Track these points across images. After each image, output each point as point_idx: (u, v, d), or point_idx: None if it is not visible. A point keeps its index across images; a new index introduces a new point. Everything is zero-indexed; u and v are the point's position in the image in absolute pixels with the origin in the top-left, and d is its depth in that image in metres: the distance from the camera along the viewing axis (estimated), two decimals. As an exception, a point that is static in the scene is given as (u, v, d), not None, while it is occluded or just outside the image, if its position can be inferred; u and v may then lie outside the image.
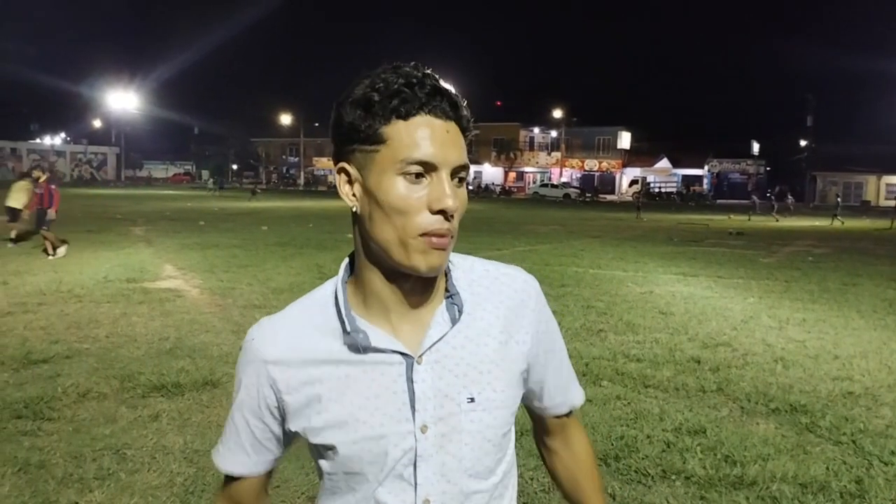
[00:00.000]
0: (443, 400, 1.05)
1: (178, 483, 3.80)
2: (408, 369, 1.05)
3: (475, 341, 1.09)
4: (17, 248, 14.41)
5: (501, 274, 1.17)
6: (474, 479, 1.09)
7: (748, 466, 4.17)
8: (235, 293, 9.75)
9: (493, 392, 1.09)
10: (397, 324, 1.06)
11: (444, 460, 1.06)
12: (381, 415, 1.04)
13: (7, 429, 4.52)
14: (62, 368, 5.88)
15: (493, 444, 1.10)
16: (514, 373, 1.12)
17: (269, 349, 1.08)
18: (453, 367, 1.07)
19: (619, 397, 5.47)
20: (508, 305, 1.13)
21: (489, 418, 1.08)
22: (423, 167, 0.97)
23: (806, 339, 7.76)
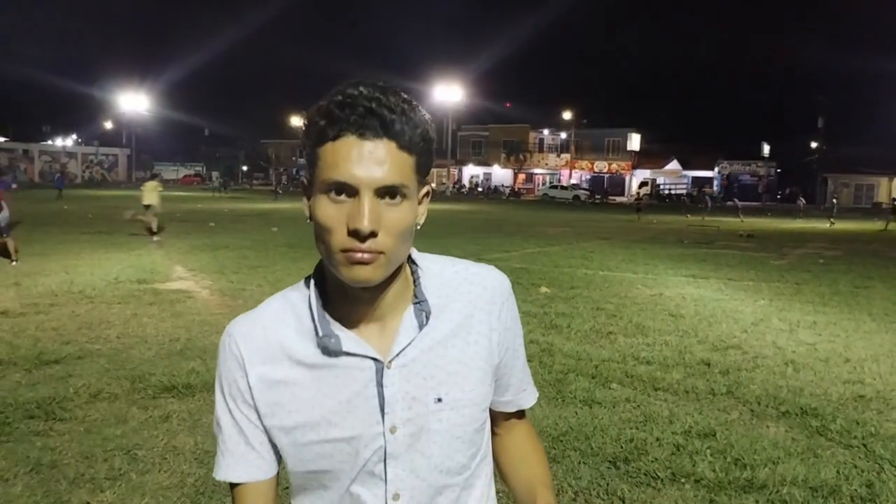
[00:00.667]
0: (411, 402, 1.09)
1: (189, 484, 3.82)
2: (377, 374, 1.08)
3: (443, 343, 1.12)
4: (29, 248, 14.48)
5: (471, 273, 1.18)
6: (445, 474, 1.12)
7: (758, 470, 4.16)
8: (245, 294, 9.79)
9: (461, 392, 1.12)
10: (366, 329, 1.09)
11: (414, 458, 1.10)
12: (353, 418, 1.07)
13: (19, 429, 4.55)
14: (74, 369, 5.91)
15: (462, 441, 1.13)
16: (483, 370, 1.15)
17: (244, 346, 1.10)
18: (421, 369, 1.10)
19: (629, 400, 5.46)
20: (477, 304, 1.16)
21: (457, 417, 1.12)
22: (342, 187, 0.99)
23: (817, 342, 7.72)
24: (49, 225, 20.89)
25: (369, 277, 1.01)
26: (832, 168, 62.80)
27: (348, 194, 0.99)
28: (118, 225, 21.76)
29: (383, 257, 1.01)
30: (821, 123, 66.72)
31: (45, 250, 14.31)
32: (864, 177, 61.47)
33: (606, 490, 3.87)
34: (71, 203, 34.80)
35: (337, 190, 0.99)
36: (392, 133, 0.99)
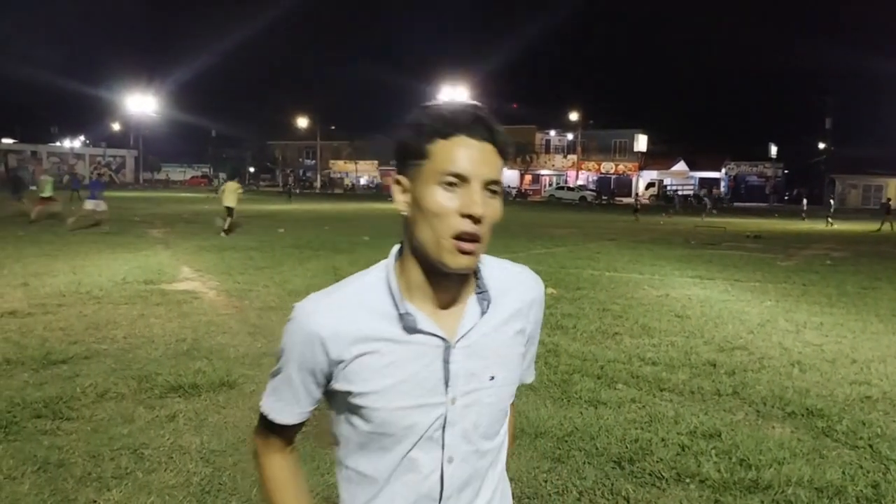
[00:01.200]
0: (470, 378, 1.27)
1: (195, 483, 3.84)
2: (444, 352, 1.25)
3: (498, 330, 1.30)
4: (37, 248, 14.54)
5: (517, 273, 1.39)
6: (486, 440, 1.32)
7: (763, 470, 4.15)
8: (252, 295, 9.81)
9: (508, 372, 1.33)
10: (436, 312, 1.26)
11: (466, 426, 1.28)
12: (421, 388, 1.24)
13: (27, 428, 4.58)
14: (81, 369, 5.94)
15: (501, 412, 1.34)
16: (520, 355, 1.37)
17: (323, 323, 1.24)
18: (480, 350, 1.28)
19: (634, 400, 5.46)
20: (523, 300, 1.36)
21: (502, 393, 1.32)
22: (457, 178, 1.17)
23: (823, 343, 7.71)
24: (57, 227, 20.95)
25: (469, 265, 1.21)
26: (840, 169, 62.57)
27: (457, 186, 1.18)
28: (125, 225, 21.85)
29: (481, 246, 1.21)
30: (828, 124, 66.51)
31: (53, 251, 14.35)
32: (872, 178, 61.20)
33: (611, 490, 3.88)
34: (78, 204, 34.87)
35: (448, 181, 1.18)
36: (493, 138, 1.21)
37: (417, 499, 1.28)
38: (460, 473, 1.29)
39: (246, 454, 4.25)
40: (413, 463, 1.26)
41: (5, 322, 7.64)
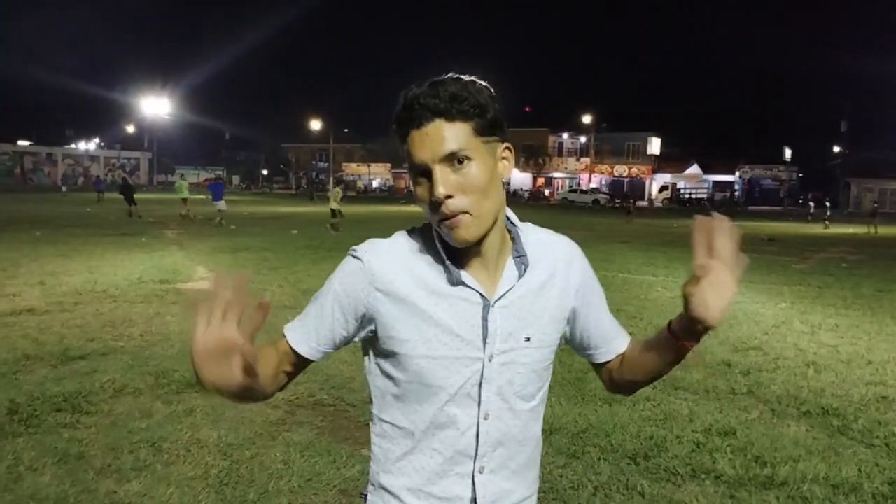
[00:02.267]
0: (507, 337, 1.31)
1: (213, 475, 3.88)
2: (484, 309, 1.29)
3: (534, 292, 1.34)
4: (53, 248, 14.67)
5: (552, 240, 1.43)
6: (521, 400, 1.35)
7: (779, 467, 4.15)
8: (267, 295, 9.83)
9: (544, 334, 1.36)
10: (476, 271, 1.31)
11: (502, 384, 1.31)
12: (460, 341, 1.28)
13: (47, 421, 4.63)
14: (99, 365, 6.00)
15: (537, 375, 1.37)
16: (559, 319, 1.39)
17: (376, 265, 1.30)
18: (517, 311, 1.32)
19: (649, 398, 5.46)
20: (557, 265, 1.39)
21: (538, 354, 1.35)
22: (421, 170, 1.23)
23: (839, 344, 7.67)
24: (73, 226, 21.13)
25: (466, 238, 1.24)
26: (855, 172, 62.18)
27: (425, 175, 1.23)
28: (140, 226, 22.01)
29: (468, 217, 1.22)
30: (844, 127, 66.11)
31: (68, 251, 14.47)
32: (887, 181, 60.79)
33: (626, 485, 3.89)
34: (94, 206, 35.19)
35: (417, 174, 1.25)
36: (439, 112, 1.21)
37: (454, 455, 1.31)
38: (495, 431, 1.32)
39: (262, 448, 4.29)
40: (450, 418, 1.30)
41: (24, 319, 7.72)
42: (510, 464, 1.36)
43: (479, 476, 1.33)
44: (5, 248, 14.46)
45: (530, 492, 1.43)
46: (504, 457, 1.35)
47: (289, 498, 3.66)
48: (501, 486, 1.35)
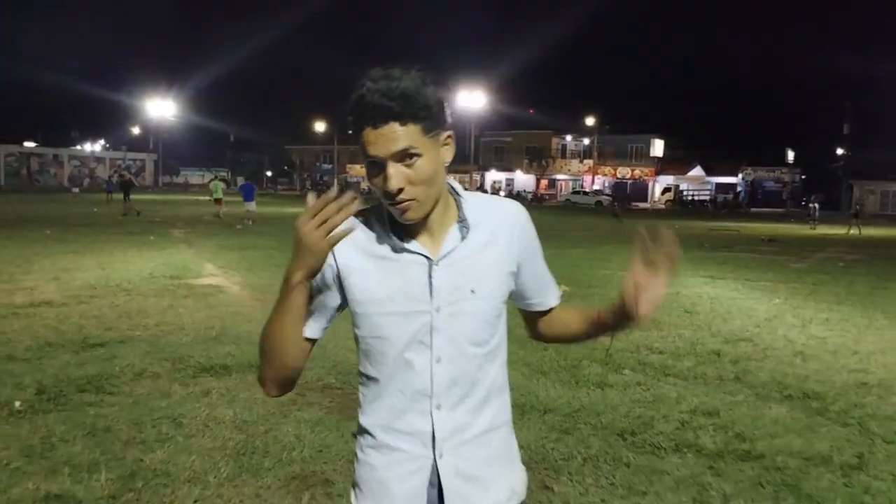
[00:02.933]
0: (453, 290, 1.50)
1: (230, 447, 4.19)
2: (429, 268, 1.50)
3: (478, 251, 1.54)
4: (64, 246, 15.00)
5: (497, 203, 1.62)
6: (472, 345, 1.53)
7: (757, 442, 4.45)
8: (274, 289, 9.96)
9: (489, 287, 1.54)
10: (421, 237, 1.51)
11: (452, 332, 1.51)
12: (409, 298, 1.49)
13: (73, 400, 4.94)
14: (117, 351, 6.31)
15: (486, 323, 1.55)
16: (503, 273, 1.57)
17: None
18: (461, 268, 1.51)
19: (640, 383, 5.76)
20: (502, 227, 1.58)
21: (484, 304, 1.54)
22: (374, 163, 1.42)
23: (827, 337, 7.95)
24: (81, 226, 21.49)
25: (412, 217, 1.45)
26: (858, 175, 62.39)
27: (378, 167, 1.41)
28: (148, 226, 22.35)
29: (415, 202, 1.43)
30: (846, 130, 66.30)
31: (79, 249, 14.82)
32: (890, 183, 61.01)
33: (613, 457, 4.19)
34: (102, 206, 35.54)
35: (371, 164, 1.42)
36: (393, 116, 1.38)
37: (413, 394, 1.51)
38: (447, 372, 1.51)
39: (275, 425, 4.59)
40: (407, 363, 1.50)
41: (43, 311, 8.05)
42: (466, 401, 1.53)
43: (436, 412, 1.51)
44: (18, 246, 14.82)
45: (491, 426, 1.58)
46: (459, 395, 1.52)
47: (301, 466, 3.96)
48: (458, 421, 1.52)
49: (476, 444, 1.55)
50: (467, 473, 1.53)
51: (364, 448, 1.58)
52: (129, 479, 3.71)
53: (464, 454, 1.53)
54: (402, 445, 1.52)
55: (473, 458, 1.54)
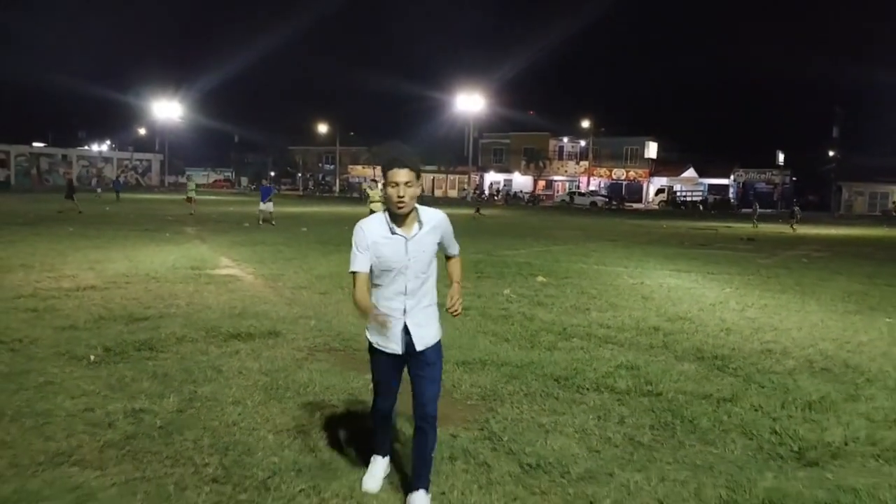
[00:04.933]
0: (415, 252, 3.49)
1: (260, 385, 5.57)
2: (406, 243, 3.47)
3: (426, 233, 3.54)
4: (89, 241, 16.37)
5: (433, 213, 3.61)
6: (421, 273, 3.55)
7: (659, 385, 5.83)
8: (285, 278, 11.58)
9: (430, 248, 3.58)
10: (402, 228, 3.50)
11: (414, 267, 3.51)
12: (397, 254, 3.47)
13: (133, 355, 6.32)
14: (160, 323, 7.70)
15: (427, 264, 3.56)
16: (435, 242, 3.60)
17: (366, 229, 3.49)
18: (419, 242, 3.51)
19: (582, 348, 7.14)
20: (435, 224, 3.59)
21: (426, 256, 3.55)
22: (393, 183, 3.40)
23: (758, 318, 9.32)
24: (99, 224, 22.90)
25: (403, 211, 3.42)
26: (847, 176, 63.85)
27: (395, 185, 3.38)
28: (161, 224, 23.75)
29: (407, 204, 3.41)
30: (836, 133, 67.69)
31: (102, 244, 16.23)
32: (878, 185, 62.44)
33: (546, 393, 5.57)
34: (112, 205, 36.94)
35: (393, 185, 3.40)
36: (405, 165, 3.43)
37: (397, 292, 3.51)
38: (412, 285, 3.51)
39: (293, 372, 5.97)
40: (394, 279, 3.49)
41: (89, 293, 9.45)
42: (418, 296, 3.53)
43: (406, 299, 3.50)
44: (49, 241, 16.25)
45: (429, 304, 3.58)
46: (415, 293, 3.51)
47: (312, 397, 5.34)
48: (414, 302, 3.51)
49: (421, 312, 3.54)
50: (418, 322, 3.52)
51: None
52: (188, 402, 5.10)
53: (416, 315, 3.52)
54: (392, 309, 3.49)
55: (421, 317, 3.54)
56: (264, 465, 4.01)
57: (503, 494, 3.78)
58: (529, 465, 4.11)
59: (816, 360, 6.97)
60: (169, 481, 3.80)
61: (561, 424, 4.87)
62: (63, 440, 4.31)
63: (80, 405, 4.94)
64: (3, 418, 4.63)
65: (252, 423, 4.69)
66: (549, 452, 4.31)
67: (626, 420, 5.05)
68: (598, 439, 4.62)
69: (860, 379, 6.30)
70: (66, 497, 3.58)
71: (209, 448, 4.25)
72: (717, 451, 4.50)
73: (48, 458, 4.04)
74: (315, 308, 8.91)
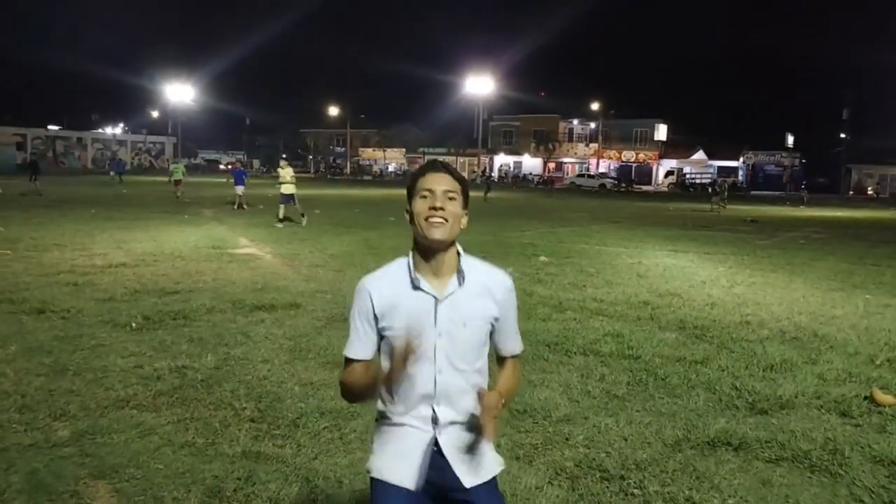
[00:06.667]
0: (450, 322, 2.10)
1: (285, 348, 6.30)
2: (435, 304, 2.10)
3: (470, 297, 2.13)
4: (113, 223, 17.17)
5: (489, 269, 2.21)
6: (462, 362, 2.13)
7: (640, 350, 6.52)
8: (301, 257, 12.32)
9: (475, 324, 2.14)
10: (432, 281, 2.12)
11: (448, 351, 2.11)
12: (421, 325, 2.07)
13: (170, 324, 7.06)
14: (189, 296, 8.44)
15: (473, 349, 2.15)
16: (485, 318, 2.16)
17: (373, 286, 2.13)
18: (457, 307, 2.11)
19: (575, 319, 7.83)
20: (490, 286, 2.17)
21: (471, 335, 2.13)
22: (428, 191, 2.09)
23: (744, 294, 9.98)
24: (120, 206, 23.72)
25: (440, 235, 2.05)
26: (857, 159, 64.07)
27: (430, 195, 2.08)
28: (179, 206, 24.54)
29: (447, 224, 2.06)
30: (846, 115, 67.71)
31: (126, 225, 17.03)
32: (888, 167, 62.63)
33: (537, 356, 6.26)
34: (129, 188, 37.79)
35: (424, 194, 2.09)
36: (447, 170, 2.14)
37: (422, 396, 2.12)
38: (445, 381, 2.10)
39: (314, 338, 6.69)
40: (419, 372, 2.06)
41: (121, 270, 10.21)
42: (457, 403, 2.13)
43: (437, 406, 2.11)
44: (76, 222, 17.09)
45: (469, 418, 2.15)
46: (451, 399, 2.11)
47: (332, 358, 6.05)
48: (452, 415, 2.12)
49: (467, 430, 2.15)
50: (458, 446, 2.14)
51: (382, 427, 2.21)
52: (223, 360, 5.84)
53: (458, 434, 2.15)
54: (414, 424, 2.14)
55: (464, 437, 2.15)
56: (293, 409, 4.74)
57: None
58: (517, 411, 4.81)
59: (788, 331, 7.63)
60: (214, 420, 4.54)
61: (548, 381, 5.57)
62: (121, 389, 5.05)
63: (131, 363, 5.70)
64: (67, 372, 5.39)
65: (280, 378, 5.43)
66: (535, 402, 5.01)
67: (606, 378, 5.74)
68: (579, 392, 5.33)
69: (824, 346, 6.97)
70: (131, 431, 4.32)
71: (245, 396, 4.99)
72: (682, 402, 5.20)
73: (111, 403, 4.79)
74: (330, 284, 9.62)
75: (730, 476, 3.97)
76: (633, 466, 4.06)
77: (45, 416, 4.52)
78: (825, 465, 4.14)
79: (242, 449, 4.13)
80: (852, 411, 5.06)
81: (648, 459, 4.16)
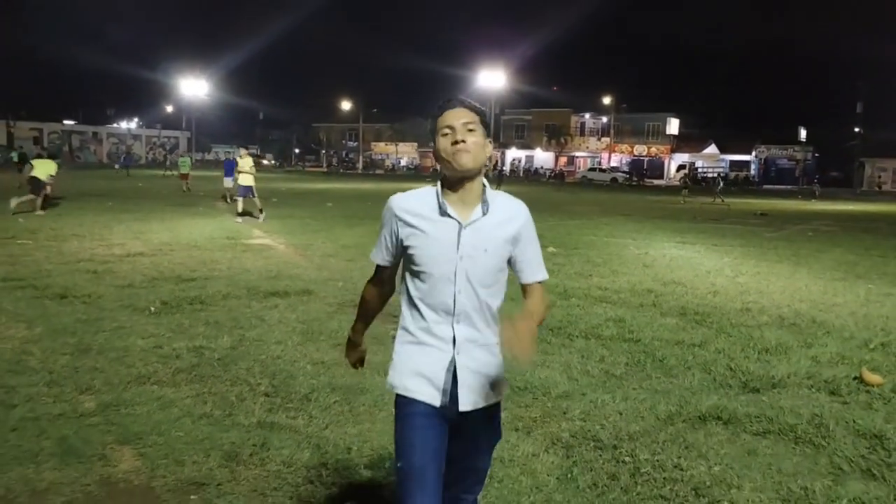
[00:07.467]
0: (472, 247, 2.22)
1: (298, 330, 6.55)
2: (459, 229, 2.22)
3: (492, 224, 2.26)
4: (130, 215, 17.50)
5: (510, 200, 2.35)
6: (480, 286, 2.25)
7: (640, 334, 6.74)
8: (314, 248, 12.59)
9: (495, 249, 2.26)
10: (457, 208, 2.25)
11: (468, 273, 2.23)
12: (444, 247, 2.22)
13: (187, 308, 7.33)
14: (205, 284, 8.71)
15: (491, 273, 2.27)
16: (507, 242, 2.29)
17: (399, 205, 2.29)
18: (479, 233, 2.24)
19: (579, 306, 8.05)
20: (511, 215, 2.32)
21: (490, 259, 2.25)
22: (448, 128, 2.22)
23: (747, 283, 10.16)
24: (136, 198, 24.09)
25: (468, 162, 2.19)
26: (870, 152, 63.74)
27: (448, 131, 2.22)
28: (192, 199, 24.88)
29: (470, 153, 2.19)
30: (859, 109, 67.37)
31: (142, 217, 17.35)
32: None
33: (541, 339, 6.47)
34: (144, 181, 38.23)
35: (445, 132, 2.22)
36: (463, 104, 2.27)
37: (442, 311, 2.24)
38: (463, 301, 2.22)
39: (325, 322, 6.94)
40: (440, 291, 2.23)
41: (139, 259, 10.51)
42: (474, 322, 2.26)
43: (456, 325, 2.24)
44: (94, 214, 17.45)
45: (490, 340, 2.30)
46: (469, 317, 2.24)
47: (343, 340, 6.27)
48: (469, 332, 2.25)
49: (480, 350, 2.28)
50: (474, 369, 2.26)
51: (404, 344, 2.32)
52: (239, 342, 6.10)
53: (473, 353, 2.27)
54: (433, 343, 2.26)
55: (480, 358, 2.28)
56: (305, 385, 5.00)
57: (495, 407, 4.74)
58: (518, 388, 5.04)
59: (787, 317, 7.82)
60: (231, 395, 4.80)
61: (549, 361, 5.80)
62: (142, 367, 5.33)
63: (150, 343, 5.97)
64: (90, 352, 5.67)
65: (293, 357, 5.69)
66: (536, 380, 5.24)
67: (606, 359, 5.97)
68: (579, 372, 5.56)
69: (821, 331, 7.16)
70: (152, 404, 4.59)
71: (260, 374, 5.25)
72: (677, 381, 5.42)
73: (133, 379, 5.06)
74: (342, 272, 9.87)
75: (717, 446, 4.19)
76: (626, 437, 4.29)
77: (72, 390, 4.79)
78: (809, 437, 4.35)
79: (258, 419, 4.39)
80: (841, 390, 5.26)
81: (641, 431, 4.39)
